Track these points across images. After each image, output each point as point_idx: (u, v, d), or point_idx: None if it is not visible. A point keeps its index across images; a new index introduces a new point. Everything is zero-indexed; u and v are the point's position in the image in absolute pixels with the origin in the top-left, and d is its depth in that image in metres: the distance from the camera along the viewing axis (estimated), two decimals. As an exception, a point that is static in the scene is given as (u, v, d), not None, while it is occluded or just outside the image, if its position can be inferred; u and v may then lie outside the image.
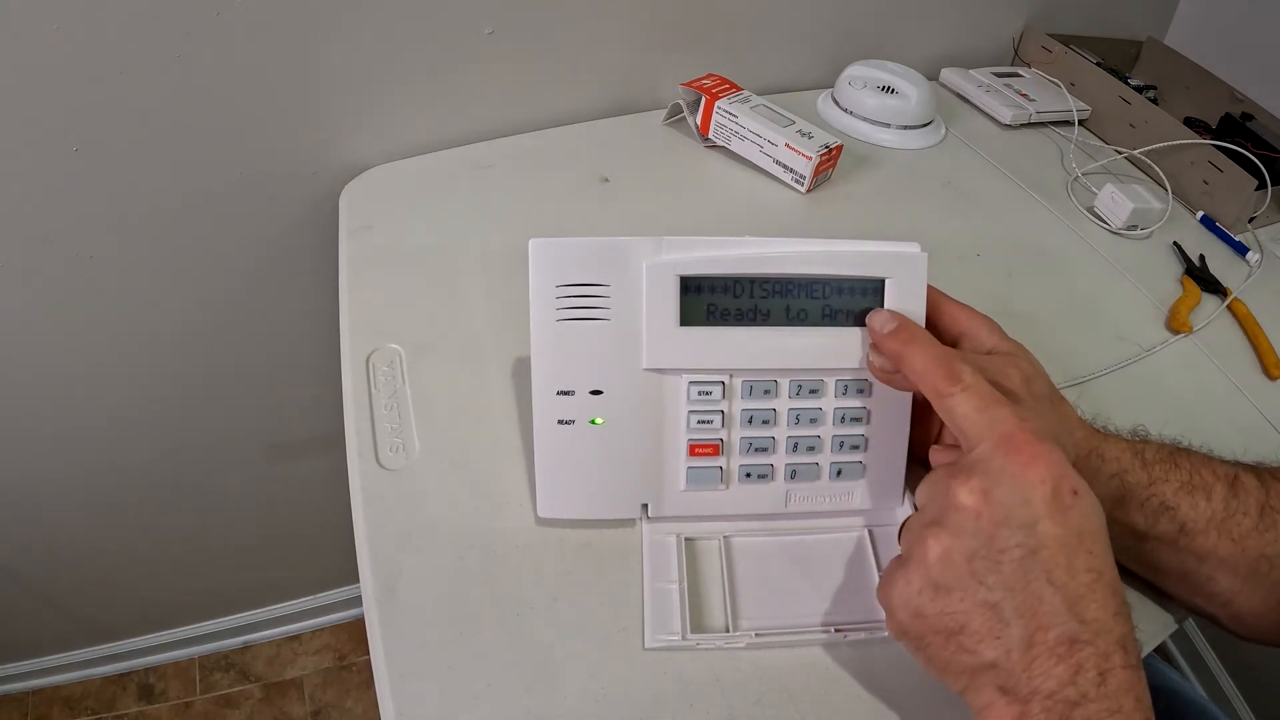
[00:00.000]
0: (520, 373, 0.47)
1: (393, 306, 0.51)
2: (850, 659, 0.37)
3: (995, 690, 0.29)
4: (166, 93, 0.55)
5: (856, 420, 0.39)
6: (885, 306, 0.38)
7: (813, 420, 0.39)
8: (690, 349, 0.38)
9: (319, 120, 0.62)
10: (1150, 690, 0.28)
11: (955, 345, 0.39)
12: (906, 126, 0.74)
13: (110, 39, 0.51)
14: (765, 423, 0.39)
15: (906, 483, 0.41)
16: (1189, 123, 0.77)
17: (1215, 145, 0.69)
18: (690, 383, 0.38)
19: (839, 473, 0.40)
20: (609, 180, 0.64)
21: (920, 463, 0.44)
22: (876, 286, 0.38)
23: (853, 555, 0.40)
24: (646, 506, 0.40)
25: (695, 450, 0.39)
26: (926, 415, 0.42)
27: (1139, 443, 0.38)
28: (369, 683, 0.60)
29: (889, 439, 0.40)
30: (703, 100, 0.66)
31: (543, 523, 0.40)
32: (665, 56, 0.71)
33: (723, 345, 0.38)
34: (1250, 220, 0.69)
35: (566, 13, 0.64)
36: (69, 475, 0.80)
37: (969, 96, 0.81)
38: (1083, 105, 0.80)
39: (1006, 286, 0.60)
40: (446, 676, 0.35)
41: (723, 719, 0.35)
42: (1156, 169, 0.73)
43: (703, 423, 0.39)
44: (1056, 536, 0.29)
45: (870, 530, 0.41)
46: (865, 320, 0.37)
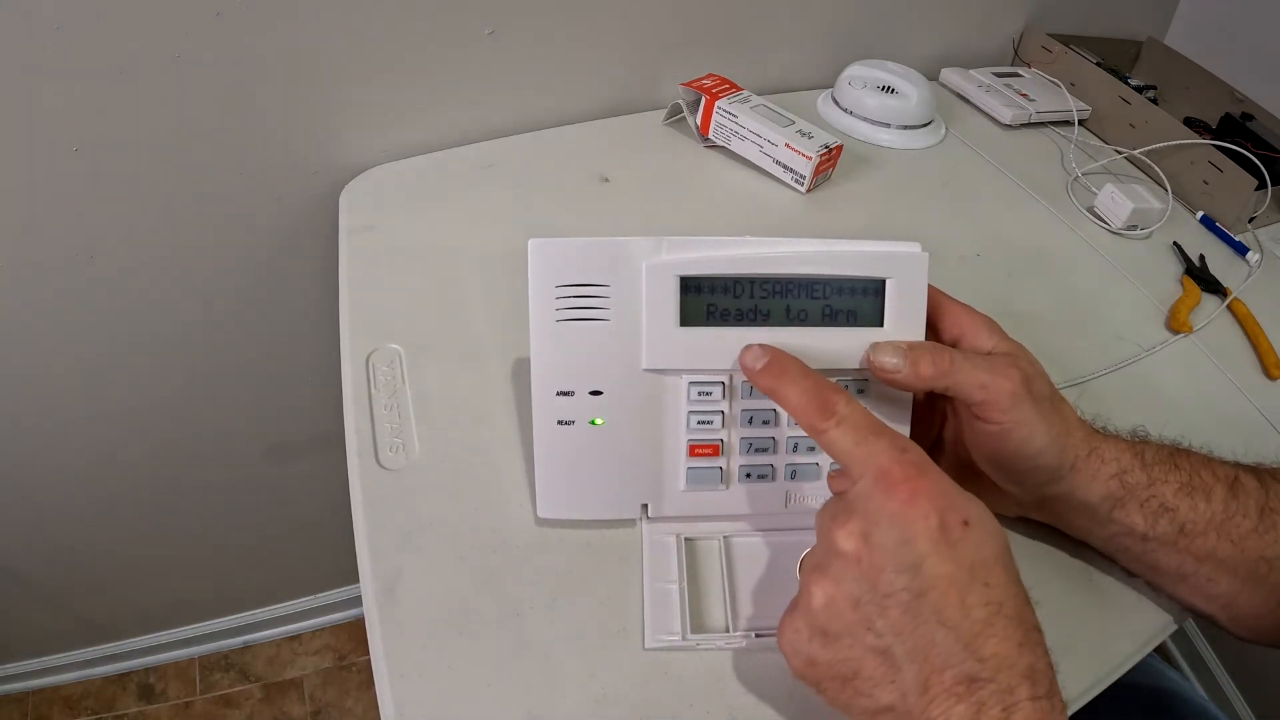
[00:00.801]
0: (520, 373, 0.47)
1: (393, 306, 0.51)
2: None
3: None
4: (166, 92, 0.55)
5: (856, 420, 0.39)
6: (886, 306, 0.38)
7: (813, 420, 0.39)
8: (690, 349, 0.38)
9: (319, 120, 0.62)
10: (1150, 690, 0.28)
11: (955, 345, 0.39)
12: (906, 126, 0.74)
13: (110, 39, 0.51)
14: (765, 423, 0.39)
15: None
16: (1189, 123, 0.77)
17: (1215, 145, 0.69)
18: (690, 383, 0.38)
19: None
20: (609, 180, 0.64)
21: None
22: (877, 287, 0.38)
23: (853, 555, 0.40)
24: (646, 507, 0.40)
25: (695, 450, 0.39)
26: (927, 415, 0.42)
27: (1139, 443, 0.38)
28: (369, 683, 0.60)
29: (889, 439, 0.40)
30: (703, 100, 0.66)
31: (543, 523, 0.40)
32: (665, 56, 0.71)
33: (723, 345, 0.38)
34: (1250, 220, 0.69)
35: (566, 13, 0.64)
36: (69, 475, 0.80)
37: (969, 96, 0.81)
38: (1083, 105, 0.80)
39: (1006, 286, 0.60)
40: (446, 676, 0.35)
41: (723, 719, 0.35)
42: (1156, 169, 0.73)
43: (703, 423, 0.39)
44: (946, 574, 0.28)
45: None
46: (739, 359, 0.36)
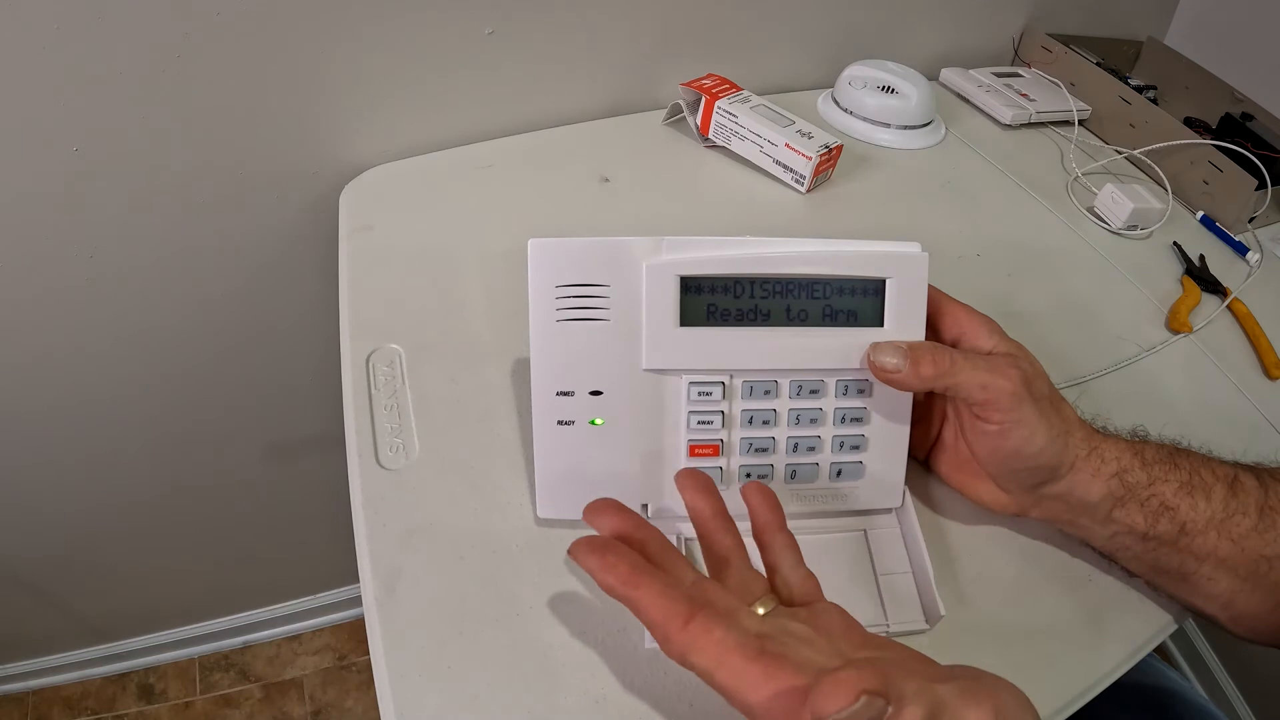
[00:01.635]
0: (520, 373, 0.47)
1: (393, 306, 0.51)
2: (850, 659, 0.36)
3: None
4: (166, 93, 0.55)
5: (857, 420, 0.39)
6: (887, 306, 0.38)
7: (813, 420, 0.39)
8: (690, 349, 0.38)
9: (319, 120, 0.62)
10: (1150, 690, 0.28)
11: (955, 345, 0.39)
12: (906, 126, 0.74)
13: (110, 39, 0.51)
14: (765, 423, 0.39)
15: (906, 482, 0.41)
16: (1189, 123, 0.77)
17: (1215, 145, 0.69)
18: (690, 383, 0.38)
19: (839, 473, 0.40)
20: (609, 180, 0.64)
21: (920, 463, 0.44)
22: (877, 286, 0.38)
23: (852, 555, 0.40)
24: (646, 507, 0.40)
25: (695, 451, 0.39)
26: (926, 415, 0.42)
27: (1139, 443, 0.39)
28: (369, 683, 0.60)
29: (889, 439, 0.40)
30: (703, 100, 0.66)
31: (543, 523, 0.40)
32: (665, 56, 0.71)
33: (723, 345, 0.38)
34: (1250, 220, 0.69)
35: (566, 13, 0.64)
36: (69, 475, 0.80)
37: (969, 96, 0.81)
38: (1083, 105, 0.80)
39: (1006, 286, 0.60)
40: (446, 676, 0.35)
41: (722, 719, 0.35)
42: (1156, 169, 0.73)
43: (703, 423, 0.39)
44: None
45: (870, 530, 0.41)
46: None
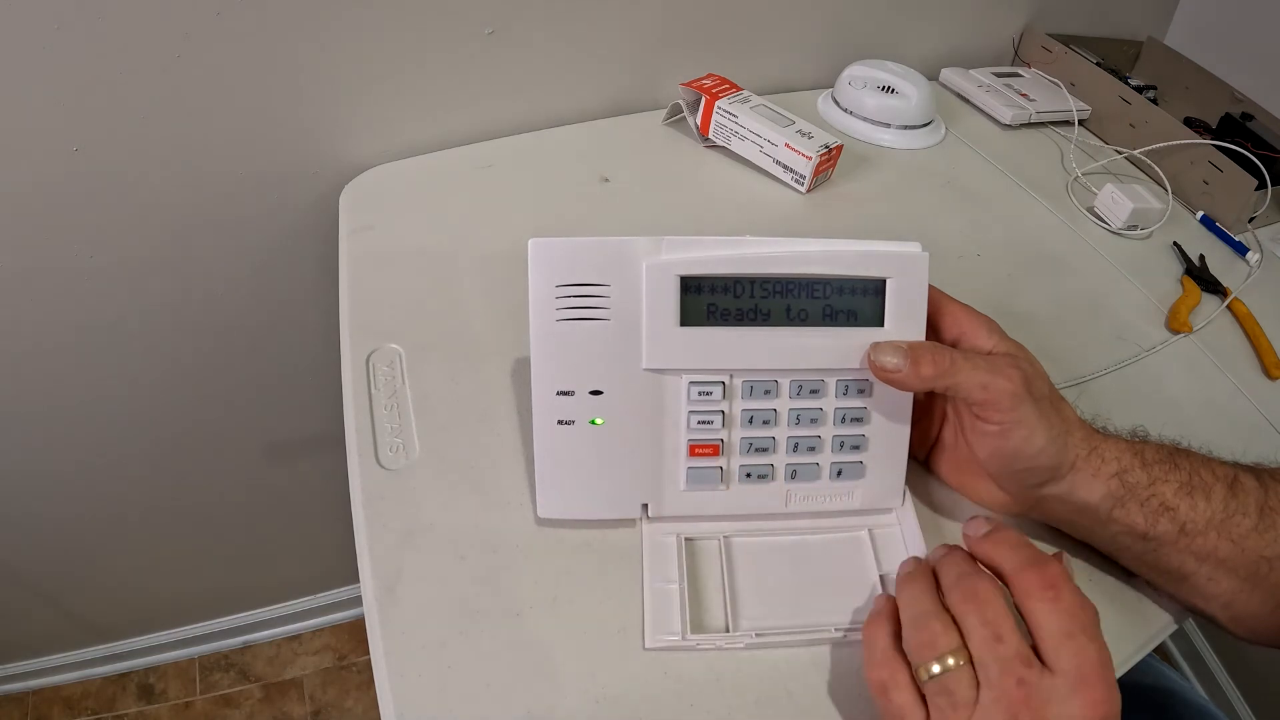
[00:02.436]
0: (520, 373, 0.47)
1: (393, 306, 0.51)
2: (850, 659, 0.36)
3: None
4: (166, 93, 0.55)
5: (857, 420, 0.39)
6: (887, 306, 0.38)
7: (813, 420, 0.39)
8: (690, 349, 0.38)
9: (319, 120, 0.62)
10: (1150, 690, 0.28)
11: (955, 345, 0.39)
12: (906, 126, 0.74)
13: (110, 39, 0.51)
14: (765, 423, 0.39)
15: (906, 482, 0.41)
16: (1189, 123, 0.77)
17: (1215, 145, 0.69)
18: (690, 383, 0.38)
19: (839, 473, 0.40)
20: (609, 180, 0.64)
21: (920, 463, 0.44)
22: (878, 286, 0.38)
23: (853, 555, 0.40)
24: (646, 506, 0.40)
25: (695, 450, 0.39)
26: (926, 415, 0.42)
27: (1139, 443, 0.38)
28: (369, 683, 0.60)
29: (889, 439, 0.40)
30: (703, 100, 0.66)
31: (543, 523, 0.40)
32: (665, 56, 0.71)
33: (723, 345, 0.38)
34: (1250, 220, 0.69)
35: (566, 13, 0.64)
36: (69, 475, 0.80)
37: (969, 96, 0.81)
38: (1083, 105, 0.80)
39: (1006, 286, 0.60)
40: (446, 676, 0.35)
41: (722, 719, 0.35)
42: (1156, 169, 0.73)
43: (703, 423, 0.39)
44: None
45: (870, 530, 0.41)
46: (963, 529, 0.35)
